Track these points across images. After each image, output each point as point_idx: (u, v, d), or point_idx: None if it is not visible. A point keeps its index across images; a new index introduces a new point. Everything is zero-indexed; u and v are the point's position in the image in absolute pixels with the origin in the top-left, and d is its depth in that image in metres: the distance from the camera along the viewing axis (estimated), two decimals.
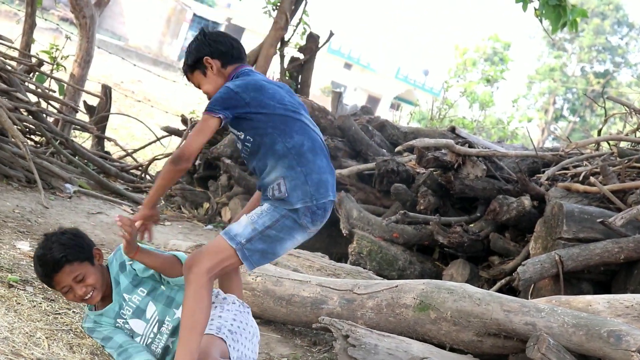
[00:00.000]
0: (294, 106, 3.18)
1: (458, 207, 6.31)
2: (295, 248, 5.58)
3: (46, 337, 3.33)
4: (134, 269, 3.42)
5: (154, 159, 8.40)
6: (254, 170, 3.18)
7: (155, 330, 3.35)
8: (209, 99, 3.23)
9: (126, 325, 3.39)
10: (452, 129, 7.03)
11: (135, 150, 8.97)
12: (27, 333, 3.30)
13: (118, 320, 3.40)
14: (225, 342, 3.15)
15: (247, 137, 3.12)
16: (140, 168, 8.28)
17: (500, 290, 5.09)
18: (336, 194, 3.25)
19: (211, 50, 3.26)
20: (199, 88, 3.33)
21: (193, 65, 3.29)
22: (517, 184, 5.88)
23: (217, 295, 3.37)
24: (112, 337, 3.33)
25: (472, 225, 5.92)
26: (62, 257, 3.27)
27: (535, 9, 7.01)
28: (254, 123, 3.09)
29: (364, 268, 5.54)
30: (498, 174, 6.12)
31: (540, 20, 7.01)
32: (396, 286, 3.96)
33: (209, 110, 3.06)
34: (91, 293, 3.33)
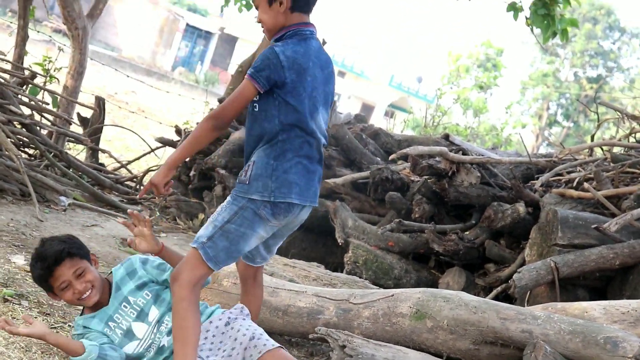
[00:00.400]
0: (317, 102, 3.14)
1: (453, 215, 6.32)
2: (290, 258, 5.60)
3: (42, 352, 3.32)
4: (147, 274, 3.42)
5: (148, 170, 8.39)
6: (247, 146, 3.16)
7: (155, 330, 3.34)
8: (260, 22, 3.18)
9: (117, 330, 3.35)
10: (446, 137, 7.05)
11: (130, 162, 8.96)
12: (22, 348, 3.29)
13: (109, 323, 3.36)
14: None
15: (256, 105, 3.09)
16: (134, 179, 8.27)
17: (496, 298, 5.09)
18: (311, 201, 3.17)
19: None
20: (256, 7, 3.20)
21: None
22: (512, 191, 5.89)
23: (242, 310, 3.37)
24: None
25: (467, 232, 5.92)
26: (63, 249, 3.29)
27: (527, 18, 7.04)
28: (270, 104, 3.06)
29: (360, 277, 5.53)
30: (492, 181, 6.14)
31: (531, 29, 7.04)
32: (392, 295, 3.96)
33: (252, 75, 3.02)
34: (90, 291, 3.32)
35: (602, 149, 6.68)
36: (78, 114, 8.74)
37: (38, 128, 7.08)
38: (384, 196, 6.29)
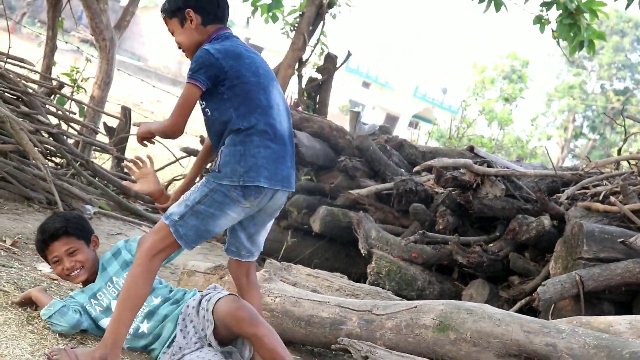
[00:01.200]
0: (267, 78, 3.21)
1: (477, 227, 6.30)
2: (313, 268, 5.60)
3: None
4: (129, 253, 3.63)
5: (172, 180, 8.44)
6: (214, 148, 3.28)
7: None
8: (180, 48, 3.31)
9: (97, 306, 3.58)
10: (471, 148, 7.02)
11: (155, 171, 9.01)
12: (46, 354, 3.32)
13: (92, 300, 3.59)
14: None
15: (207, 110, 3.20)
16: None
17: (520, 311, 5.05)
18: (284, 185, 3.18)
19: (196, 4, 3.25)
20: (172, 35, 3.33)
21: (173, 11, 3.29)
22: (537, 204, 5.86)
23: (215, 287, 3.49)
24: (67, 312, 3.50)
25: (491, 244, 5.90)
26: (61, 227, 3.57)
27: (553, 31, 7.02)
28: (219, 100, 3.14)
29: (383, 288, 5.52)
30: (517, 194, 6.11)
31: (558, 42, 7.02)
32: (415, 307, 3.95)
33: (192, 77, 3.10)
34: (78, 270, 3.60)
35: (628, 163, 6.63)
36: (104, 124, 8.82)
37: (65, 137, 7.17)
38: (408, 207, 6.28)
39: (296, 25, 9.13)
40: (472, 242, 5.86)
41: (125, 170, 3.65)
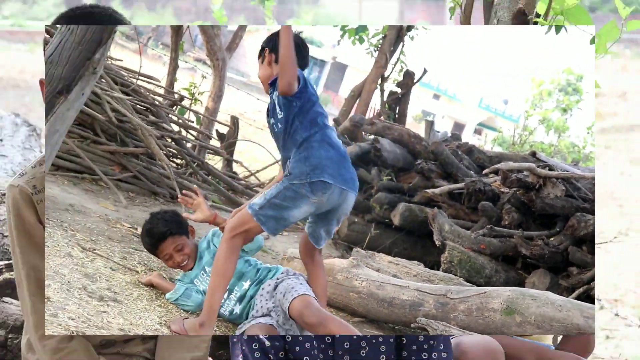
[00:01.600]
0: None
1: (539, 223, 6.14)
2: (393, 256, 5.58)
3: None
4: (215, 246, 3.64)
5: (273, 178, 8.53)
6: (282, 150, 3.32)
7: (225, 296, 3.50)
8: (262, 82, 3.39)
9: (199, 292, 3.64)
10: (533, 154, 6.85)
11: (258, 171, 9.12)
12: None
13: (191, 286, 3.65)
14: None
15: (279, 121, 3.26)
16: (262, 186, 8.43)
17: (578, 298, 4.92)
18: (348, 186, 3.23)
19: (273, 44, 3.31)
20: (261, 81, 3.43)
21: (260, 51, 3.40)
22: (594, 203, 5.68)
23: (288, 271, 3.56)
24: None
25: (552, 239, 5.75)
26: (166, 231, 3.64)
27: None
28: (294, 110, 3.19)
29: (455, 275, 5.45)
30: (575, 194, 5.94)
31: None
32: (485, 292, 3.91)
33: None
34: (186, 261, 3.66)
35: None
36: (217, 131, 8.99)
37: (184, 142, 7.35)
38: (477, 205, 6.20)
39: (379, 46, 9.13)
40: (535, 236, 5.73)
41: (182, 203, 3.73)
